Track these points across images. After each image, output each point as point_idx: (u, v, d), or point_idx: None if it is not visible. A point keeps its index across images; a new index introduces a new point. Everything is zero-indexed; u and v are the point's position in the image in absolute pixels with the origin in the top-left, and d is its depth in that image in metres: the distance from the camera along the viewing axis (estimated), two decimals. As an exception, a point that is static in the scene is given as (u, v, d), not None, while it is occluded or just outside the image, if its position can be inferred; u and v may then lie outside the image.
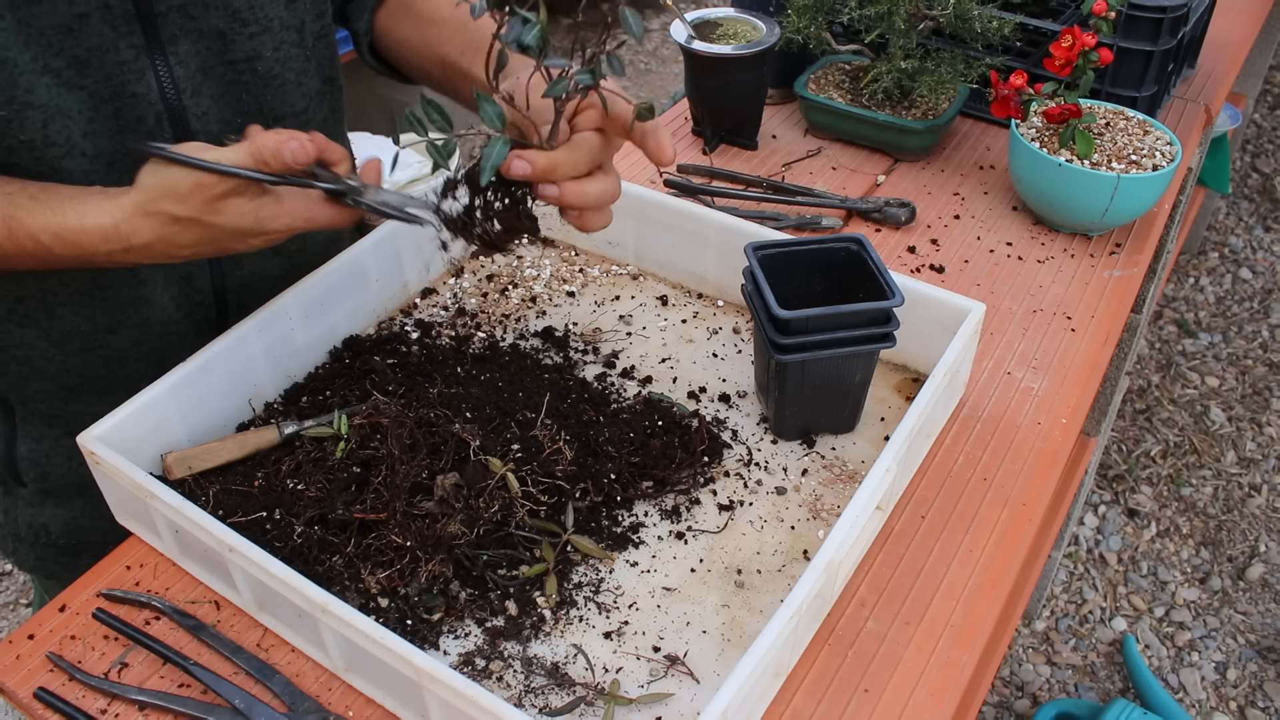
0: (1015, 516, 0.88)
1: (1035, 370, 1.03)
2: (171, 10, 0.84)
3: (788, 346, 0.86)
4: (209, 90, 0.89)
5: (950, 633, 0.79)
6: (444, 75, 0.97)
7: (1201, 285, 3.02)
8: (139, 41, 0.83)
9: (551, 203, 0.78)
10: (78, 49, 0.80)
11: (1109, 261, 1.18)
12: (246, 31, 0.89)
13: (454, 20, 0.98)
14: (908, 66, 1.30)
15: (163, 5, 0.83)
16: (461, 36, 0.96)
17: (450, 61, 0.95)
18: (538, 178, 0.76)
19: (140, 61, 0.83)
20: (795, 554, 0.84)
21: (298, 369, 0.98)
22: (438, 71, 0.98)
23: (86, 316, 0.91)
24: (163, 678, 0.76)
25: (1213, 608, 2.19)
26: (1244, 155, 3.49)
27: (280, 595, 0.73)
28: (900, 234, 1.22)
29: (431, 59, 0.98)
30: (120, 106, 0.84)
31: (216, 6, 0.86)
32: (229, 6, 0.87)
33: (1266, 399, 2.66)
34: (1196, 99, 1.51)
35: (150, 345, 0.95)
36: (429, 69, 1.00)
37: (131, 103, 0.84)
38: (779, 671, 0.74)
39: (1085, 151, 1.16)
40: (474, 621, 0.78)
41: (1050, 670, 2.09)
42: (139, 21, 0.82)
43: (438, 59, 0.97)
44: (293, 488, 0.84)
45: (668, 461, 0.88)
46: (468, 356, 1.00)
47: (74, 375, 0.95)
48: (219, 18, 0.87)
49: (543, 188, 0.77)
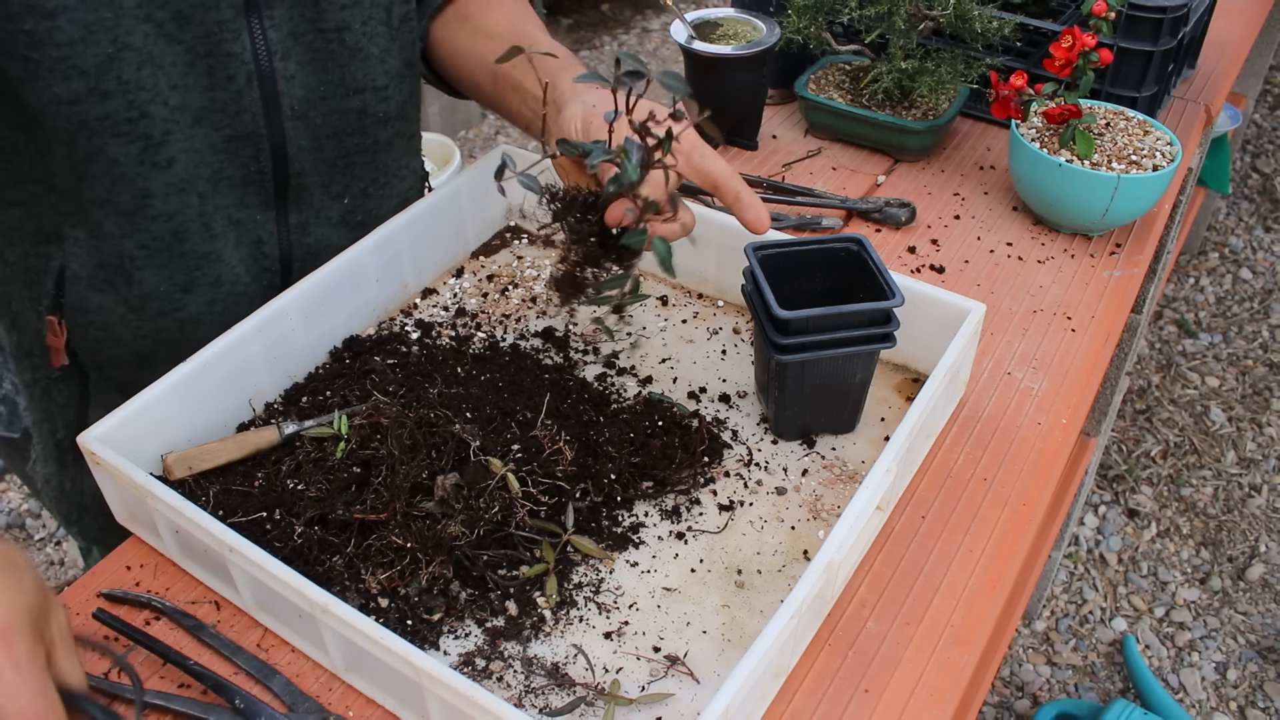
0: (1015, 517, 0.88)
1: (1035, 370, 1.03)
2: None
3: (788, 346, 0.86)
4: (298, 55, 0.91)
5: (950, 633, 0.79)
6: (494, 87, 1.02)
7: (1201, 285, 3.02)
8: (239, 2, 0.86)
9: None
10: (181, 4, 0.83)
11: (1109, 262, 1.18)
12: (339, 2, 0.92)
13: (509, 36, 1.03)
14: (908, 67, 1.30)
15: None
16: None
17: (503, 74, 1.00)
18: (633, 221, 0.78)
19: (238, 21, 0.86)
20: (795, 554, 0.84)
21: (298, 369, 0.98)
22: (488, 84, 1.03)
23: (165, 276, 0.94)
24: (163, 678, 0.76)
25: (1213, 608, 2.19)
26: (1244, 155, 3.49)
27: (280, 595, 0.73)
28: (900, 234, 1.22)
29: (483, 71, 1.03)
30: (214, 64, 0.86)
31: None
32: None
33: (1266, 399, 2.66)
34: (1196, 99, 1.51)
35: (221, 306, 0.98)
36: (480, 81, 1.04)
37: (225, 61, 0.87)
38: (779, 672, 0.74)
39: (1085, 152, 1.16)
40: (474, 622, 0.78)
41: (1050, 670, 2.09)
42: None
43: (490, 72, 1.02)
44: (293, 488, 0.84)
45: (668, 462, 0.88)
46: (468, 356, 1.00)
47: (149, 341, 0.97)
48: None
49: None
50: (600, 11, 4.41)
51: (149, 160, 0.87)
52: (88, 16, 0.79)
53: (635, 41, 4.22)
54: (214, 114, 0.89)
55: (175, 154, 0.88)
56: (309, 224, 1.00)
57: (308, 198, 0.99)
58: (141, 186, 0.88)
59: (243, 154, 0.92)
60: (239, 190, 0.94)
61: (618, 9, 4.42)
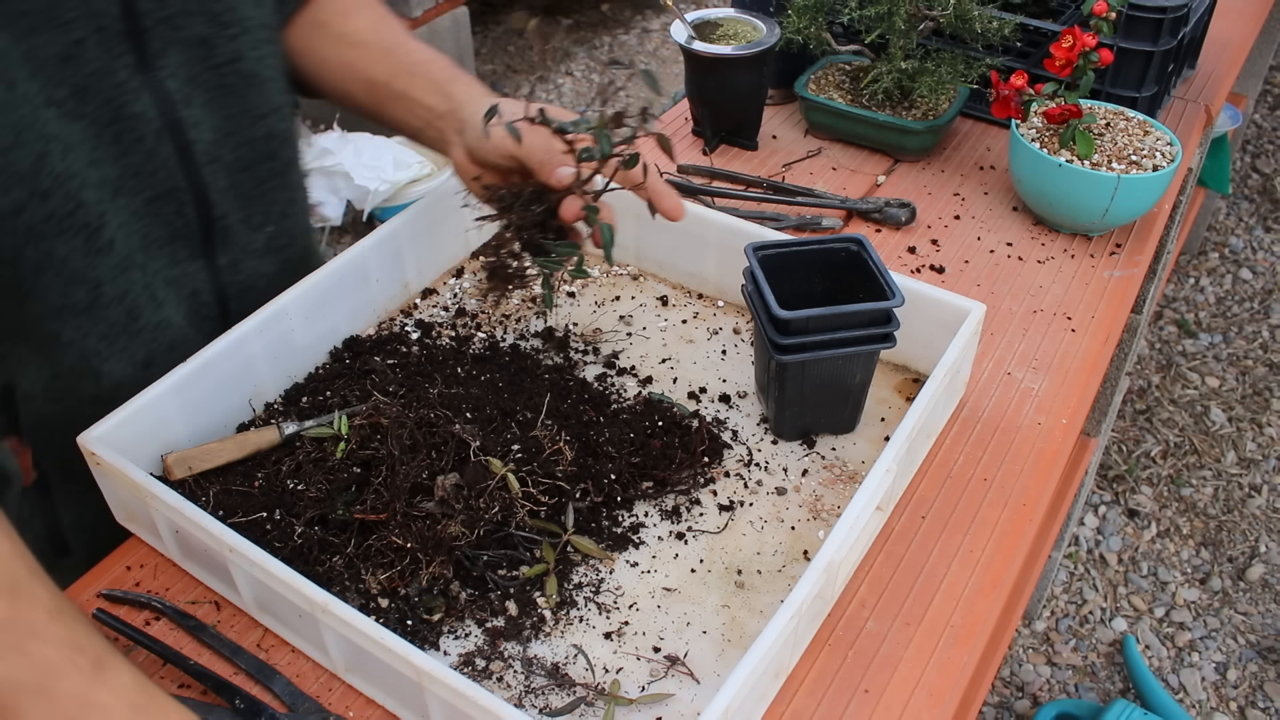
0: (1015, 517, 0.88)
1: (1035, 371, 1.03)
2: (158, 24, 0.83)
3: (788, 347, 0.86)
4: (199, 99, 0.88)
5: (950, 633, 0.79)
6: (370, 96, 1.01)
7: (1202, 285, 3.02)
8: (131, 60, 0.82)
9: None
10: (77, 77, 0.79)
11: (1109, 262, 1.18)
12: (227, 34, 0.89)
13: (379, 44, 1.01)
14: (908, 67, 1.30)
15: (150, 20, 0.82)
16: (391, 60, 1.00)
17: (381, 83, 0.99)
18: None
19: (135, 81, 0.83)
20: (795, 554, 0.84)
21: (298, 369, 0.98)
22: (362, 93, 1.02)
23: (128, 358, 0.90)
24: (162, 678, 0.76)
25: (1213, 608, 2.19)
26: (1244, 155, 3.49)
27: (280, 595, 0.73)
28: (900, 234, 1.22)
29: (355, 81, 1.01)
30: (120, 130, 0.83)
31: (198, 13, 0.86)
32: (209, 11, 0.87)
33: (1266, 399, 2.66)
34: (1196, 99, 1.51)
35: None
36: (350, 90, 1.03)
37: (131, 124, 0.84)
38: (779, 672, 0.74)
39: (1085, 152, 1.16)
40: (474, 622, 0.78)
41: (1050, 670, 2.09)
42: (130, 40, 0.82)
43: (364, 81, 1.00)
44: (293, 488, 0.84)
45: (668, 462, 0.88)
46: (468, 357, 1.00)
47: None
48: (201, 24, 0.87)
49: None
50: (600, 11, 4.41)
51: (93, 248, 0.84)
52: (11, 118, 0.76)
53: (635, 41, 4.22)
54: (130, 180, 0.85)
55: (113, 234, 0.85)
56: (239, 261, 0.97)
57: (233, 236, 0.96)
58: (92, 277, 0.85)
59: (165, 211, 0.89)
60: (168, 249, 0.91)
61: (618, 9, 4.42)
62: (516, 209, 0.90)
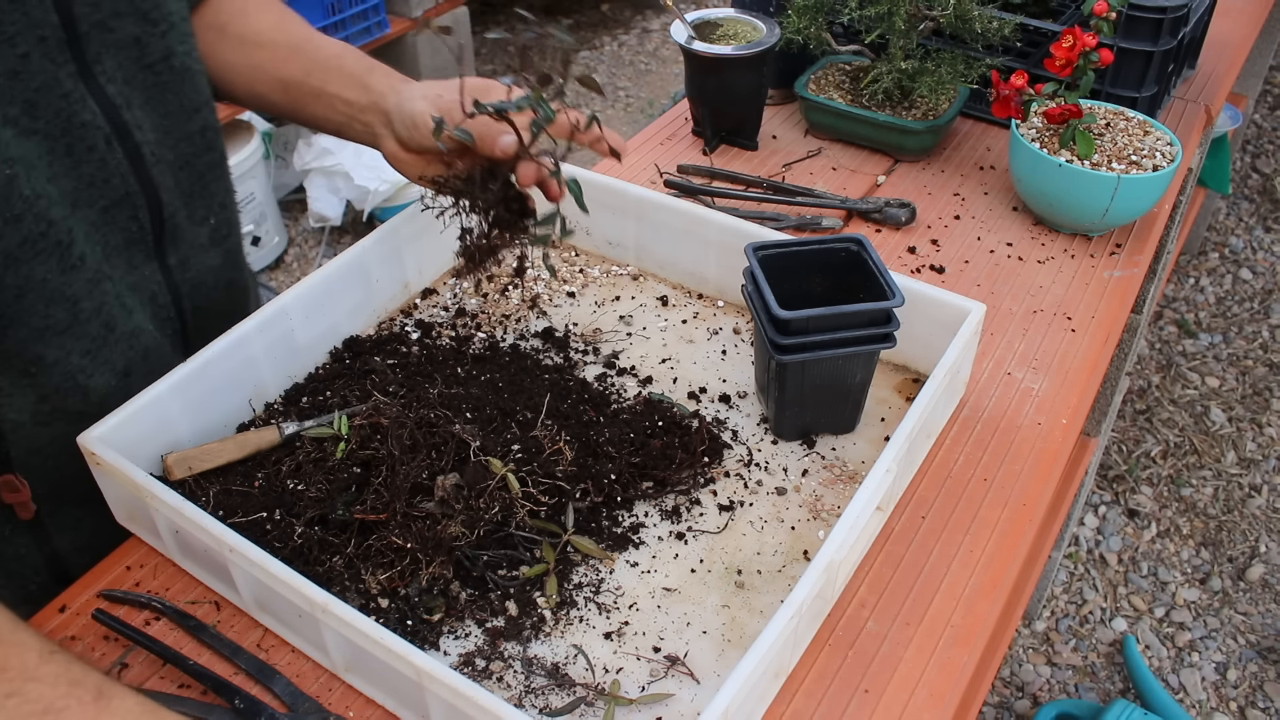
0: (1015, 517, 0.88)
1: (1035, 371, 1.03)
2: (93, 28, 0.82)
3: (788, 347, 0.86)
4: (138, 99, 0.88)
5: (950, 633, 0.79)
6: (285, 97, 1.00)
7: (1202, 286, 3.02)
8: (73, 69, 0.82)
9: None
10: (26, 91, 0.78)
11: (1109, 262, 1.18)
12: (157, 31, 0.88)
13: (285, 42, 1.00)
14: (908, 67, 1.30)
15: (85, 24, 0.82)
16: (302, 58, 0.99)
17: (295, 82, 0.98)
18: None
19: (79, 89, 0.82)
20: (795, 554, 0.84)
21: (298, 369, 0.98)
22: (276, 93, 1.00)
23: (110, 369, 0.89)
24: (162, 678, 0.76)
25: (1213, 608, 2.19)
26: (1244, 155, 3.49)
27: (280, 595, 0.73)
28: (900, 234, 1.22)
29: (266, 82, 1.00)
30: (72, 141, 0.82)
31: (129, 14, 0.85)
32: (138, 10, 0.86)
33: (1266, 399, 2.66)
34: (1196, 99, 1.51)
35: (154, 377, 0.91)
36: (262, 91, 1.01)
37: (82, 133, 0.82)
38: (779, 672, 0.74)
39: (1085, 152, 1.16)
40: (474, 622, 0.78)
41: (1050, 670, 2.09)
42: (69, 47, 0.81)
43: (276, 81, 0.99)
44: (293, 488, 0.84)
45: (668, 462, 0.88)
46: (468, 357, 1.00)
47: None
48: (133, 24, 0.86)
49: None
50: (600, 11, 4.41)
51: (67, 265, 0.83)
52: None
53: (635, 41, 4.22)
54: (85, 191, 0.84)
55: (82, 248, 0.84)
56: (188, 259, 0.96)
57: (181, 234, 0.95)
58: (70, 295, 0.84)
59: (121, 218, 0.88)
60: (125, 255, 0.90)
61: (618, 9, 4.42)
62: (475, 191, 0.89)
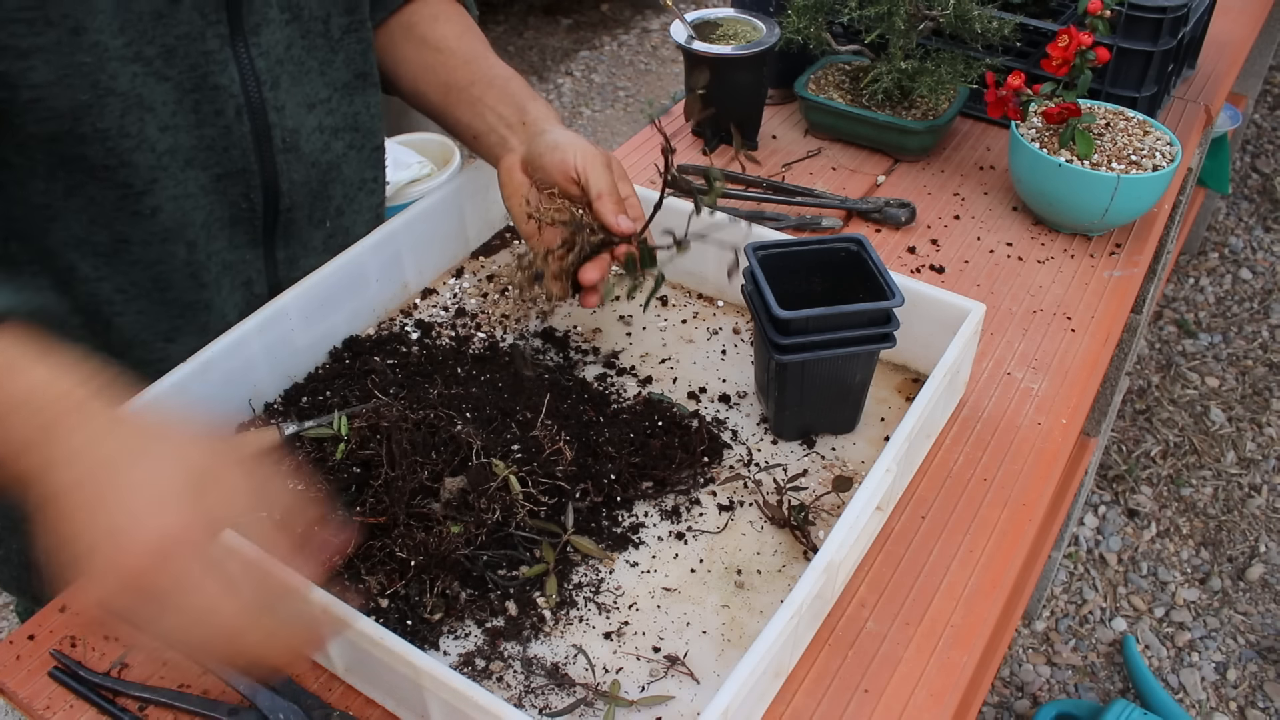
0: (1015, 517, 0.88)
1: (1035, 371, 1.03)
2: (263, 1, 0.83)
3: (788, 347, 0.86)
4: (285, 83, 0.88)
5: (950, 633, 0.79)
6: (443, 99, 1.02)
7: (1201, 285, 3.02)
8: (224, 31, 0.82)
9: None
10: (167, 36, 0.79)
11: (1109, 262, 1.18)
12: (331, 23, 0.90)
13: (460, 52, 1.03)
14: (908, 67, 1.30)
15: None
16: (471, 69, 1.02)
17: (458, 88, 1.00)
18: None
19: (224, 52, 0.82)
20: (795, 554, 0.84)
21: (298, 369, 0.98)
22: (436, 93, 1.03)
23: (146, 324, 0.89)
24: (163, 679, 0.75)
25: (1213, 608, 2.19)
26: (1244, 155, 3.49)
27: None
28: (900, 234, 1.22)
29: (432, 83, 1.02)
30: (201, 99, 0.82)
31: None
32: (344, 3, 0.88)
33: (1266, 399, 2.66)
34: (1196, 99, 1.51)
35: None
36: (425, 91, 1.04)
37: (212, 95, 0.83)
38: (779, 672, 0.74)
39: (1085, 152, 1.16)
40: (474, 622, 0.78)
41: (1050, 670, 2.09)
42: (226, 9, 0.81)
43: (440, 83, 1.02)
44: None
45: (668, 462, 0.88)
46: (468, 357, 1.00)
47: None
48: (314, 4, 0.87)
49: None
50: (600, 11, 4.41)
51: (128, 209, 0.83)
52: (64, 60, 0.75)
53: (635, 41, 4.22)
54: (202, 153, 0.84)
55: (160, 202, 0.83)
56: (297, 257, 0.97)
57: (295, 230, 0.96)
58: (119, 230, 0.84)
59: (231, 192, 0.88)
60: (228, 231, 0.90)
61: (618, 9, 4.42)
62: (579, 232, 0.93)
